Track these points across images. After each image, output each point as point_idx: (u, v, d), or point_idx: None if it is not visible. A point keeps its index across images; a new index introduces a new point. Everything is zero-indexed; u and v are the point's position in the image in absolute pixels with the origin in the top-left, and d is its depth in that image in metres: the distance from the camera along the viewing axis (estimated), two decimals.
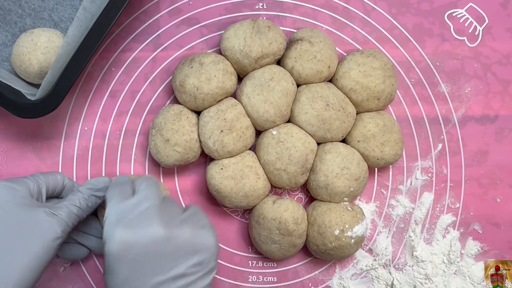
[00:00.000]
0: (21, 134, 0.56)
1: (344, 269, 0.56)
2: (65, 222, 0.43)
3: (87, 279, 0.55)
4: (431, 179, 0.57)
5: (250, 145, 0.53)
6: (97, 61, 0.56)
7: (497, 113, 0.57)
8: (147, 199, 0.43)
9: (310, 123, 0.51)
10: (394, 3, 0.58)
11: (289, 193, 0.57)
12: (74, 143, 0.56)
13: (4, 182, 0.44)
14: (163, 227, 0.41)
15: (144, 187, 0.44)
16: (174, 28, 0.57)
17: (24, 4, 0.55)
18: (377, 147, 0.52)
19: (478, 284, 0.56)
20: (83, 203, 0.46)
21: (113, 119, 0.56)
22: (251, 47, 0.51)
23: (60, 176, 0.50)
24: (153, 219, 0.41)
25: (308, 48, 0.52)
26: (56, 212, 0.43)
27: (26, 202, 0.43)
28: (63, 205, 0.45)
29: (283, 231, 0.51)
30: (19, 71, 0.53)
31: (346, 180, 0.51)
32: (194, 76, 0.51)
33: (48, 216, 0.43)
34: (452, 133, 0.57)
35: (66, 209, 0.44)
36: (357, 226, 0.51)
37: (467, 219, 0.57)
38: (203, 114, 0.52)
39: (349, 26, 0.57)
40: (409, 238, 0.56)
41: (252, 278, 0.56)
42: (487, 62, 0.57)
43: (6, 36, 0.55)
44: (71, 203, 0.45)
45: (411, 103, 0.57)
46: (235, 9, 0.57)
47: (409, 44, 0.57)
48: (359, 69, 0.52)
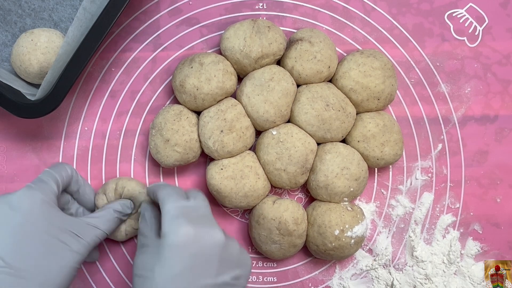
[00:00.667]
0: (21, 134, 0.56)
1: (344, 269, 0.56)
2: (88, 245, 0.44)
3: (87, 279, 0.55)
4: (431, 179, 0.57)
5: (250, 145, 0.53)
6: (97, 61, 0.56)
7: (497, 113, 0.57)
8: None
9: (310, 123, 0.51)
10: (394, 3, 0.58)
11: (289, 193, 0.57)
12: (74, 143, 0.56)
13: (33, 191, 0.43)
14: (224, 234, 0.43)
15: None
16: (174, 28, 0.57)
17: (24, 4, 0.55)
18: (377, 147, 0.52)
19: (478, 284, 0.56)
20: (109, 227, 0.48)
21: (113, 119, 0.56)
22: (251, 47, 0.51)
23: (69, 169, 0.49)
24: (215, 224, 0.43)
25: (308, 48, 0.52)
26: (82, 235, 0.44)
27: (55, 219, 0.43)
28: (90, 227, 0.46)
29: (283, 231, 0.51)
30: (19, 71, 0.53)
31: (346, 180, 0.51)
32: (194, 76, 0.51)
33: (73, 239, 0.43)
34: (452, 133, 0.57)
35: (92, 234, 0.45)
36: (357, 226, 0.51)
37: (467, 219, 0.57)
38: (203, 114, 0.52)
39: (349, 26, 0.57)
40: (409, 238, 0.56)
41: (252, 278, 0.56)
42: (487, 62, 0.57)
43: (6, 36, 0.55)
44: (97, 227, 0.46)
45: (411, 103, 0.57)
46: (235, 9, 0.57)
47: (409, 44, 0.57)
48: (359, 69, 0.52)
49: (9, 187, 0.56)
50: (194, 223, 0.42)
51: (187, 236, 0.41)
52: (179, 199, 0.44)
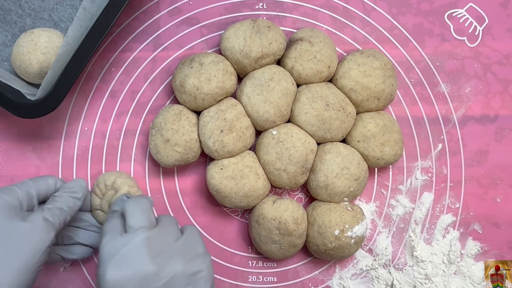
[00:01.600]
0: (21, 134, 0.56)
1: (344, 269, 0.56)
2: (52, 226, 0.43)
3: (87, 279, 0.55)
4: (431, 179, 0.57)
5: (250, 145, 0.53)
6: (97, 61, 0.56)
7: (497, 113, 0.57)
8: (137, 232, 0.41)
9: (310, 123, 0.51)
10: (394, 3, 0.58)
11: (289, 193, 0.57)
12: (74, 143, 0.56)
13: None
14: (153, 264, 0.40)
15: (134, 214, 0.43)
16: (174, 28, 0.57)
17: (24, 4, 0.55)
18: (377, 147, 0.52)
19: (478, 284, 0.56)
20: (64, 205, 0.46)
21: (113, 119, 0.56)
22: (251, 47, 0.51)
23: (51, 180, 0.49)
24: (142, 256, 0.40)
25: (308, 48, 0.52)
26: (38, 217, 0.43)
27: (12, 211, 0.43)
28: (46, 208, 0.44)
29: (283, 231, 0.51)
30: (19, 71, 0.53)
31: (346, 180, 0.51)
32: (194, 76, 0.51)
33: (30, 223, 0.42)
34: (452, 133, 0.57)
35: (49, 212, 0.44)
36: (357, 226, 0.51)
37: (467, 219, 0.57)
38: (203, 114, 0.52)
39: (349, 26, 0.57)
40: (409, 238, 0.56)
41: (252, 278, 0.56)
42: (487, 62, 0.57)
43: (6, 36, 0.55)
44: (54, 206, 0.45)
45: (411, 103, 0.57)
46: (235, 9, 0.57)
47: (409, 44, 0.57)
48: (359, 69, 0.52)
49: None
50: (120, 264, 0.40)
51: (116, 282, 0.39)
52: (112, 236, 0.42)
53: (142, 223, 0.42)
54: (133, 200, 0.45)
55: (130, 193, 0.50)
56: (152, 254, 0.40)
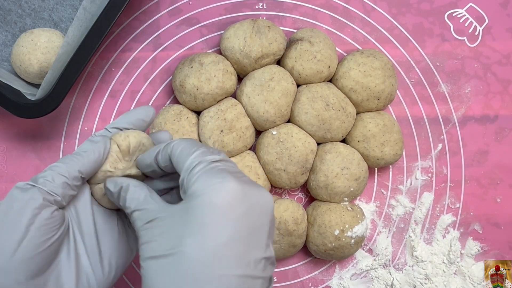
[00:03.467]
0: (21, 134, 0.56)
1: (344, 269, 0.56)
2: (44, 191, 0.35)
3: None
4: (431, 179, 0.57)
5: (250, 145, 0.53)
6: (97, 61, 0.56)
7: (497, 113, 0.57)
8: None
9: (310, 123, 0.51)
10: (394, 3, 0.58)
11: (289, 193, 0.57)
12: (74, 143, 0.56)
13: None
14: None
15: (218, 151, 0.36)
16: (174, 28, 0.57)
17: (24, 4, 0.55)
18: (377, 147, 0.52)
19: (478, 284, 0.56)
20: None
21: (113, 119, 0.56)
22: (251, 47, 0.51)
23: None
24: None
25: (308, 48, 0.52)
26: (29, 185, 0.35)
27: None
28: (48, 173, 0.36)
29: (283, 231, 0.51)
30: (19, 71, 0.53)
31: (346, 180, 0.51)
32: (194, 76, 0.51)
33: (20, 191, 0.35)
34: (452, 133, 0.57)
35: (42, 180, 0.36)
36: (357, 226, 0.51)
37: (467, 219, 0.57)
38: (203, 114, 0.52)
39: (349, 26, 0.57)
40: (409, 238, 0.56)
41: None
42: (487, 62, 0.57)
43: (6, 36, 0.55)
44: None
45: (411, 103, 0.57)
46: (235, 9, 0.57)
47: (409, 44, 0.57)
48: (359, 69, 0.52)
49: (9, 187, 0.56)
50: (241, 180, 0.32)
51: (233, 193, 0.31)
52: (206, 151, 0.34)
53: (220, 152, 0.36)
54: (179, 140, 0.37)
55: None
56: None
